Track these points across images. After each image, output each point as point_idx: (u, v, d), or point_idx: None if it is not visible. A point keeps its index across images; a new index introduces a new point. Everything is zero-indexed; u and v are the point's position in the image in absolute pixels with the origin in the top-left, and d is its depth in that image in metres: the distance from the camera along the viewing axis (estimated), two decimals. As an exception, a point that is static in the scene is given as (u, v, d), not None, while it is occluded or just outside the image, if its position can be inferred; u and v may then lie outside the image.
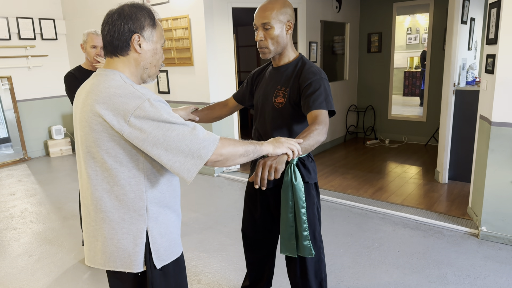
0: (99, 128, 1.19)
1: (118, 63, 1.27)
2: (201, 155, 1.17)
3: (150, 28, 1.27)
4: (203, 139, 1.18)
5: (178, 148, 1.16)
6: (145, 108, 1.15)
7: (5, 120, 6.25)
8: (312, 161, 1.90)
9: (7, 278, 2.76)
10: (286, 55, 1.81)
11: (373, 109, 6.61)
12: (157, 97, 1.22)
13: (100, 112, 1.17)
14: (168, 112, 1.18)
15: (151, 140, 1.15)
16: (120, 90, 1.18)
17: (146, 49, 1.27)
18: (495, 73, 2.90)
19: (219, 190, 4.39)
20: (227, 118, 4.89)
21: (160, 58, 1.33)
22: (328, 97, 1.69)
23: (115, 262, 1.28)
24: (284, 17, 1.72)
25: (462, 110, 4.13)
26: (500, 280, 2.54)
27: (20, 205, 4.16)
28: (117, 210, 1.25)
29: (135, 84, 1.24)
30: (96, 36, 2.68)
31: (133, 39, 1.24)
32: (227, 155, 1.23)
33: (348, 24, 6.26)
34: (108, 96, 1.17)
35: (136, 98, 1.16)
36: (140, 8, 1.27)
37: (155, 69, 1.34)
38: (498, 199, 2.99)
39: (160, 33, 1.31)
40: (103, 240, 1.27)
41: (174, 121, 1.17)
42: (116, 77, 1.23)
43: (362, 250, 2.97)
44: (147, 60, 1.29)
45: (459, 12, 3.92)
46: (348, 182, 4.48)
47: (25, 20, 5.84)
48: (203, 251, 3.01)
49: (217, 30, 4.63)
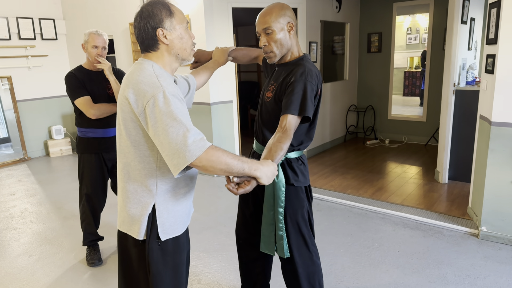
0: (126, 109, 1.36)
1: (152, 56, 1.43)
2: (186, 157, 1.26)
3: (169, 18, 1.39)
4: (191, 144, 1.26)
5: (169, 144, 1.27)
6: (158, 98, 1.28)
7: (5, 120, 6.25)
8: (302, 164, 1.86)
9: (7, 278, 2.76)
10: (290, 55, 1.82)
11: (373, 109, 6.61)
12: (174, 90, 1.33)
13: (128, 96, 1.34)
14: (177, 107, 1.29)
15: (154, 130, 1.29)
16: (146, 79, 1.33)
17: (171, 38, 1.41)
18: (495, 73, 2.90)
19: (219, 190, 4.39)
20: (227, 118, 4.89)
21: (188, 40, 1.46)
22: (304, 101, 1.65)
23: (125, 225, 1.49)
24: (283, 19, 1.72)
25: (462, 110, 4.13)
26: (500, 280, 2.54)
27: (20, 205, 4.16)
28: (132, 183, 1.43)
29: (162, 75, 1.36)
30: (97, 36, 2.67)
31: (158, 34, 1.38)
32: (207, 165, 1.29)
33: (348, 24, 6.26)
34: (136, 83, 1.34)
35: (155, 88, 1.30)
36: (154, 3, 1.39)
37: (187, 52, 1.46)
38: (498, 199, 2.99)
39: (179, 18, 1.42)
40: (121, 205, 1.49)
41: (178, 118, 1.27)
42: (148, 67, 1.38)
43: (362, 250, 2.97)
44: (176, 47, 1.42)
45: (459, 12, 3.92)
46: (348, 182, 4.48)
47: (25, 20, 5.84)
48: (203, 251, 3.01)
49: (217, 30, 4.63)
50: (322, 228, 3.33)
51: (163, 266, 1.47)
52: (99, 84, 2.75)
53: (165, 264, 1.48)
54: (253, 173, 1.40)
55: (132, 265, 1.55)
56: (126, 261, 1.57)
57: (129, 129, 1.38)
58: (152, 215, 1.43)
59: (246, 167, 1.38)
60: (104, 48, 2.72)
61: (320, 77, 1.77)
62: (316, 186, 4.36)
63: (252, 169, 1.40)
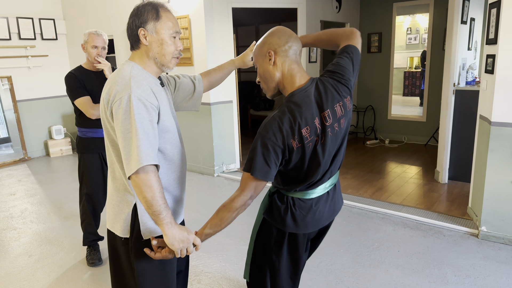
0: (102, 109, 1.39)
1: (135, 56, 1.45)
2: (130, 166, 1.28)
3: (153, 21, 1.39)
4: (136, 155, 1.27)
5: (123, 149, 1.30)
6: (123, 100, 1.30)
7: (5, 120, 6.25)
8: (284, 205, 1.50)
9: (7, 278, 2.76)
10: (285, 89, 1.45)
11: (373, 109, 6.61)
12: (143, 95, 1.32)
13: (104, 95, 1.38)
14: (139, 113, 1.29)
15: (116, 130, 1.33)
16: (120, 79, 1.35)
17: (151, 41, 1.40)
18: (495, 73, 2.90)
19: (219, 190, 4.39)
20: (227, 118, 4.89)
21: (169, 47, 1.42)
22: (253, 159, 1.34)
23: (110, 222, 1.53)
24: (262, 49, 1.44)
25: (462, 110, 4.13)
26: (500, 280, 2.54)
27: (20, 205, 4.16)
28: (116, 181, 1.46)
29: (136, 76, 1.36)
30: (97, 36, 2.67)
31: (139, 33, 1.39)
32: (139, 184, 1.28)
33: (348, 24, 6.26)
34: (111, 83, 1.37)
35: (124, 89, 1.32)
36: (148, 4, 1.40)
37: (166, 58, 1.43)
38: (498, 199, 2.99)
39: (166, 24, 1.40)
40: (107, 203, 1.53)
41: (134, 125, 1.28)
42: (127, 68, 1.39)
43: (362, 250, 2.97)
44: (154, 51, 1.41)
45: (459, 12, 3.93)
46: (348, 182, 4.48)
47: (25, 20, 5.84)
48: (203, 251, 3.01)
49: (217, 30, 4.64)
50: (322, 228, 3.33)
51: (148, 264, 1.47)
52: (99, 84, 2.75)
53: (150, 262, 1.47)
54: (163, 225, 1.31)
55: (121, 263, 1.56)
56: (116, 259, 1.58)
57: (107, 129, 1.41)
58: (134, 214, 1.44)
59: (163, 214, 1.30)
60: (104, 48, 2.72)
61: (301, 123, 1.34)
62: (316, 186, 4.36)
63: (165, 221, 1.31)
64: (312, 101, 1.38)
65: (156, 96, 1.39)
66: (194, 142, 4.91)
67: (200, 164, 4.98)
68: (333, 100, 1.41)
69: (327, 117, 1.39)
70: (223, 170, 4.99)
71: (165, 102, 1.46)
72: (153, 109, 1.35)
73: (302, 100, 1.37)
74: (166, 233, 1.32)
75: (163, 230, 1.32)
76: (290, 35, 1.42)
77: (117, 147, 1.40)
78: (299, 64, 1.45)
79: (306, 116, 1.36)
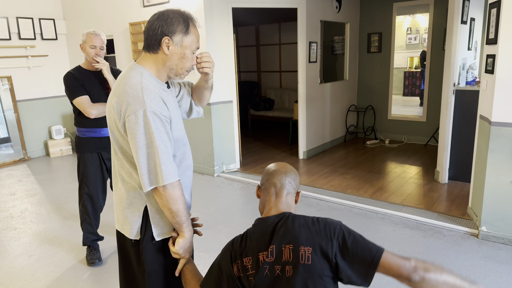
0: (112, 117, 1.39)
1: (148, 59, 1.41)
2: (156, 180, 1.33)
3: (182, 34, 1.37)
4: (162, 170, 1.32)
5: (140, 164, 1.33)
6: (139, 116, 1.30)
7: (5, 120, 6.25)
8: None
9: (7, 278, 2.76)
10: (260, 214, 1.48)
11: (373, 109, 6.61)
12: (157, 108, 1.32)
13: (114, 104, 1.36)
14: (156, 128, 1.31)
15: (131, 144, 1.34)
16: (131, 89, 1.33)
17: (173, 52, 1.38)
18: (495, 73, 2.89)
19: (219, 190, 4.39)
20: (227, 118, 4.89)
21: (188, 62, 1.42)
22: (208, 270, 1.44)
23: (119, 224, 1.54)
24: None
25: (462, 110, 4.13)
26: (500, 280, 2.54)
27: (20, 205, 4.16)
28: (125, 184, 1.47)
29: (147, 87, 1.35)
30: (95, 36, 2.67)
31: (163, 41, 1.36)
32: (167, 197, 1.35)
33: (348, 24, 6.26)
34: (121, 92, 1.35)
35: (138, 103, 1.31)
36: (179, 14, 1.38)
37: (181, 71, 1.44)
38: (498, 199, 2.99)
39: (192, 40, 1.41)
40: (116, 204, 1.55)
41: (154, 141, 1.30)
42: (136, 76, 1.37)
43: (362, 250, 2.97)
44: (173, 62, 1.40)
45: (459, 12, 3.92)
46: (348, 182, 4.48)
47: (25, 20, 5.84)
48: (203, 251, 3.01)
49: (217, 30, 4.63)
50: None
51: (159, 265, 1.49)
52: (98, 84, 2.75)
53: (161, 263, 1.49)
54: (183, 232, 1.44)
55: (131, 264, 1.56)
56: (126, 260, 1.58)
57: (116, 136, 1.41)
58: (145, 216, 1.46)
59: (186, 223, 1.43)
60: (102, 48, 2.72)
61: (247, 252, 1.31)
62: (316, 186, 4.36)
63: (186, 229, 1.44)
64: (267, 233, 1.30)
65: (166, 105, 1.39)
66: (194, 142, 4.91)
67: (200, 164, 4.98)
68: (286, 240, 1.25)
69: (269, 253, 1.26)
70: (223, 170, 4.99)
71: (175, 109, 1.47)
72: (167, 121, 1.37)
73: (257, 228, 1.35)
74: (185, 236, 1.44)
75: (184, 233, 1.43)
76: (272, 174, 1.44)
77: (127, 154, 1.41)
78: (278, 197, 1.41)
79: (253, 246, 1.30)
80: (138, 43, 5.18)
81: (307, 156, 5.55)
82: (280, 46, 8.08)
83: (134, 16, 5.16)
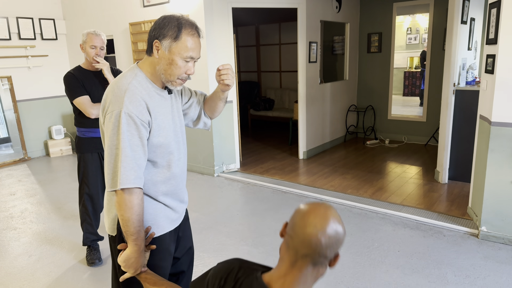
0: (101, 113, 1.41)
1: (146, 61, 1.45)
2: (115, 182, 1.32)
3: (171, 39, 1.36)
4: (121, 174, 1.31)
5: (107, 164, 1.34)
6: (113, 115, 1.32)
7: (5, 120, 6.25)
8: None
9: (7, 278, 2.76)
10: None
11: (373, 109, 6.61)
12: (133, 111, 1.32)
13: (103, 99, 1.41)
14: (128, 130, 1.31)
15: (104, 142, 1.37)
16: (117, 88, 1.36)
17: (161, 56, 1.38)
18: (495, 73, 2.90)
19: (219, 190, 4.39)
20: (227, 118, 4.89)
21: (177, 70, 1.39)
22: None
23: (104, 217, 1.57)
24: None
25: (462, 110, 4.13)
26: (500, 280, 2.54)
27: (20, 205, 4.16)
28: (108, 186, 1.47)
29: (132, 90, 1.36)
30: (95, 36, 2.67)
31: (154, 43, 1.38)
32: (120, 202, 1.33)
33: (348, 24, 6.26)
34: (109, 90, 1.39)
35: (117, 103, 1.33)
36: (176, 19, 1.37)
37: (170, 78, 1.41)
38: (498, 199, 2.99)
39: (182, 48, 1.37)
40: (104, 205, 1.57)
41: (121, 143, 1.31)
42: (129, 76, 1.40)
43: (362, 250, 2.97)
44: (161, 66, 1.40)
45: (459, 12, 3.92)
46: (348, 182, 4.48)
47: (25, 20, 5.84)
48: (203, 251, 3.01)
49: (217, 30, 4.63)
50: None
51: None
52: (98, 84, 2.75)
53: None
54: (130, 245, 1.36)
55: (113, 259, 1.60)
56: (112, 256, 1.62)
57: (102, 132, 1.43)
58: None
59: (135, 236, 1.35)
60: (102, 48, 2.72)
61: None
62: (316, 186, 4.36)
63: (134, 242, 1.36)
64: None
65: (149, 109, 1.37)
66: (194, 142, 4.91)
67: (200, 164, 4.98)
68: None
69: None
70: (223, 170, 4.99)
71: (163, 115, 1.44)
72: (143, 125, 1.35)
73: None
74: (130, 250, 1.37)
75: (129, 246, 1.37)
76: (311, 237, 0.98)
77: None
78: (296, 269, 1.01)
79: None
80: (138, 43, 5.18)
81: (307, 156, 5.55)
82: (280, 46, 8.08)
83: (134, 16, 5.16)
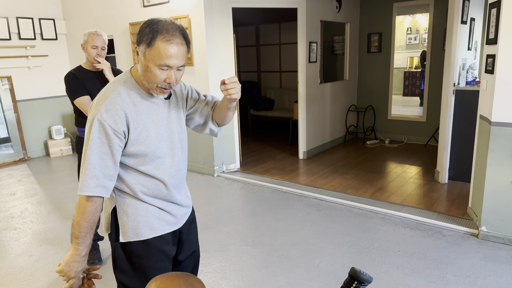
0: None
1: (137, 65, 1.43)
2: (79, 186, 1.37)
3: (145, 45, 1.33)
4: (83, 180, 1.34)
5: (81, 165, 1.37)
6: (90, 121, 1.36)
7: (5, 120, 6.25)
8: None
9: (7, 278, 2.76)
10: None
11: (373, 109, 6.61)
12: (107, 120, 1.33)
13: None
14: (99, 137, 1.33)
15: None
16: (102, 95, 1.40)
17: (140, 62, 1.38)
18: (495, 73, 2.90)
19: (219, 190, 4.39)
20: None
21: (153, 77, 1.34)
22: None
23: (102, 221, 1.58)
24: None
25: (462, 110, 4.13)
26: (500, 280, 2.54)
27: (20, 205, 4.16)
28: None
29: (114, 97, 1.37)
30: (97, 36, 2.67)
31: (135, 48, 1.39)
32: (79, 207, 1.37)
33: (348, 24, 6.26)
34: (99, 93, 1.43)
35: (95, 109, 1.36)
36: (151, 24, 1.34)
37: (149, 85, 1.38)
38: (498, 199, 2.99)
39: (155, 55, 1.31)
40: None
41: (90, 150, 1.33)
42: (117, 83, 1.42)
43: (362, 250, 2.97)
44: (141, 72, 1.39)
45: (459, 12, 3.93)
46: (348, 182, 4.48)
47: (25, 20, 5.84)
48: (203, 251, 3.01)
49: (217, 30, 4.64)
50: (322, 228, 3.33)
51: (129, 265, 1.51)
52: (99, 84, 2.75)
53: (131, 264, 1.51)
54: (73, 248, 1.38)
55: None
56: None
57: None
58: (114, 216, 1.49)
59: (79, 240, 1.37)
60: (103, 48, 2.72)
61: None
62: (316, 186, 4.36)
63: (76, 247, 1.38)
64: None
65: (129, 120, 1.36)
66: (194, 142, 4.91)
67: (200, 164, 4.98)
68: None
69: None
70: (223, 170, 4.99)
71: (150, 122, 1.42)
72: (116, 135, 1.34)
73: None
74: (72, 253, 1.38)
75: (72, 249, 1.39)
76: None
77: None
78: None
79: None
80: (138, 43, 5.17)
81: (307, 156, 5.55)
82: (280, 46, 8.08)
83: (134, 16, 5.16)
